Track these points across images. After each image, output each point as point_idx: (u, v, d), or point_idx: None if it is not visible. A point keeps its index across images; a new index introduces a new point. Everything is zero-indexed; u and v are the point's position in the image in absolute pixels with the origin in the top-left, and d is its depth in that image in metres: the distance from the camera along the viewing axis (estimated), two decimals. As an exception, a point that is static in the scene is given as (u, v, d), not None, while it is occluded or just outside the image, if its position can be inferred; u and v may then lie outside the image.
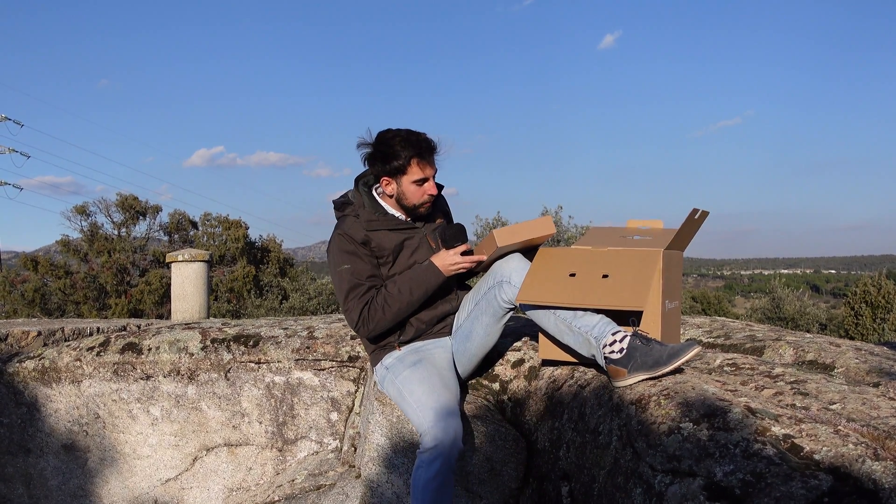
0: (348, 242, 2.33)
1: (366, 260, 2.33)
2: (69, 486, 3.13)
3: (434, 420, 2.12)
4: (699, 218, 2.24)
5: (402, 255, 2.38)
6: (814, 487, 1.34)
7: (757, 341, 2.74)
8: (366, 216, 2.37)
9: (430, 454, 2.09)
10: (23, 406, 3.16)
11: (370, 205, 2.40)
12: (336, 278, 2.36)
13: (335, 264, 2.35)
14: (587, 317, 2.08)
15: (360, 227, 2.35)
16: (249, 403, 3.02)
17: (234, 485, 3.03)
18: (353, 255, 2.32)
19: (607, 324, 2.04)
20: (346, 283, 2.31)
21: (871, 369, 2.28)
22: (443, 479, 2.09)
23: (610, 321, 2.06)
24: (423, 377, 2.27)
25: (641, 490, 1.64)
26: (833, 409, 1.74)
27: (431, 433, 2.11)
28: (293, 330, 3.18)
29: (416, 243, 2.41)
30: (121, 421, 3.10)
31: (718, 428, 1.59)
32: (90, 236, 17.82)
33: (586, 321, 2.07)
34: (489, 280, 2.28)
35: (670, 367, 1.88)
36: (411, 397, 2.24)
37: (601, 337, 2.02)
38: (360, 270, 2.31)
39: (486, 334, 2.32)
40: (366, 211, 2.38)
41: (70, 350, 3.20)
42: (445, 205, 2.62)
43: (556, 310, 2.12)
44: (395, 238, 2.37)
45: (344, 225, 2.37)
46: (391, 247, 2.36)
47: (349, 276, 2.31)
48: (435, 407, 2.16)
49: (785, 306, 14.90)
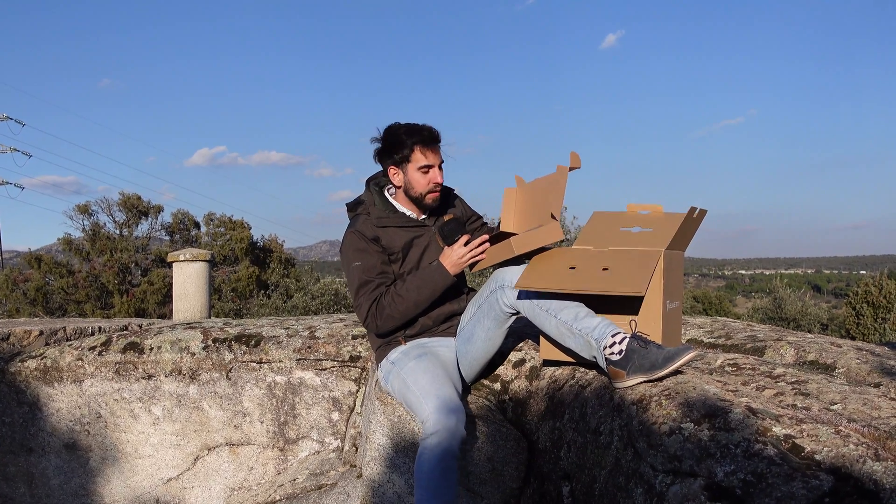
0: (359, 240, 2.39)
1: (376, 257, 2.39)
2: (71, 486, 3.14)
3: (437, 405, 2.14)
4: (698, 216, 2.25)
5: (412, 253, 2.44)
6: (815, 488, 1.34)
7: (758, 341, 2.74)
8: (376, 214, 2.44)
9: (434, 439, 2.10)
10: (25, 405, 3.17)
11: (381, 203, 2.47)
12: (348, 275, 2.42)
13: (347, 261, 2.41)
14: (588, 319, 2.08)
15: (371, 224, 2.42)
16: (251, 403, 3.02)
17: (236, 484, 3.03)
18: (364, 252, 2.38)
19: (607, 325, 2.04)
20: (357, 280, 2.37)
21: (872, 369, 2.28)
22: (446, 465, 2.09)
23: (610, 323, 2.06)
24: (427, 367, 2.31)
25: (642, 490, 1.64)
26: (834, 409, 1.74)
27: (434, 417, 2.12)
28: (294, 330, 3.19)
29: (425, 241, 2.47)
30: (122, 420, 3.10)
31: (719, 428, 1.59)
32: (92, 235, 17.84)
33: (587, 323, 2.07)
34: (491, 284, 2.31)
35: (666, 371, 1.89)
36: (415, 385, 2.26)
37: (601, 338, 2.02)
38: (370, 267, 2.37)
39: (487, 338, 2.33)
40: (376, 209, 2.46)
41: (72, 349, 3.21)
42: (462, 204, 2.69)
43: (557, 313, 2.13)
44: (405, 236, 2.44)
45: (356, 223, 2.44)
46: (401, 244, 2.43)
47: (360, 273, 2.37)
48: (438, 394, 2.18)
49: (786, 306, 14.90)
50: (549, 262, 2.22)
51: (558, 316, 2.13)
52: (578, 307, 2.12)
